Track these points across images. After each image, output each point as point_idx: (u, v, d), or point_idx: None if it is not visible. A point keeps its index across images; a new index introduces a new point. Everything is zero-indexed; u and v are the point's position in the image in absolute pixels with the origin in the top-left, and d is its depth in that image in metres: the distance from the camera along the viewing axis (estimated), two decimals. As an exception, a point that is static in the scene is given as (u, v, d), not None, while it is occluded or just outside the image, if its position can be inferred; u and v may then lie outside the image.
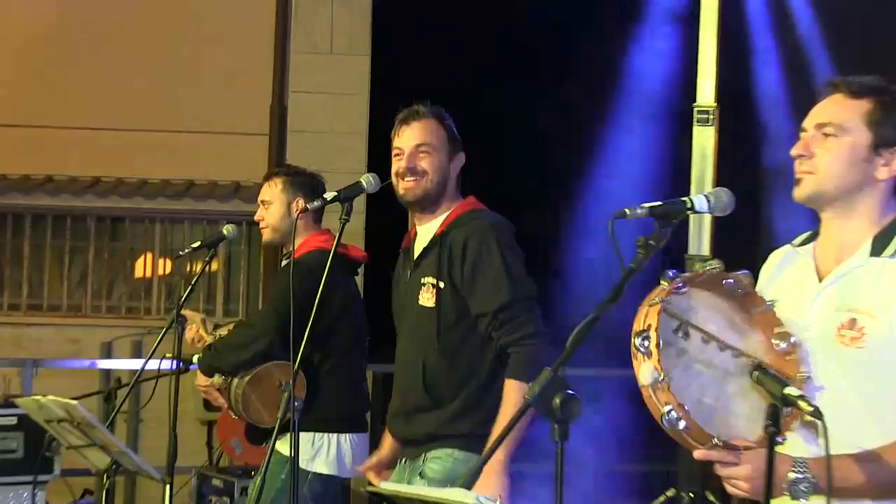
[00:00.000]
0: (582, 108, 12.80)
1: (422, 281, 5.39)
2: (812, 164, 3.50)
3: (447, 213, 5.47)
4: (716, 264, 3.48)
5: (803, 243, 3.72)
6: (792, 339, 3.40)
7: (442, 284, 5.29)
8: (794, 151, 3.56)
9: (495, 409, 4.72)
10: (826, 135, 3.51)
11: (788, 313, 3.47)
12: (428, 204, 5.46)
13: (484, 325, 5.21)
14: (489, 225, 5.36)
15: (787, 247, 3.78)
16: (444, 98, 5.66)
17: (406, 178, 5.39)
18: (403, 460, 5.55)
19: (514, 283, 5.20)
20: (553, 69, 13.54)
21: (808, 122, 3.57)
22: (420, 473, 5.31)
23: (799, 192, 3.54)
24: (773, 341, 3.37)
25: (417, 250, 5.54)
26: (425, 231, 5.52)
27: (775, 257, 3.82)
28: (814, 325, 3.47)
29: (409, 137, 5.43)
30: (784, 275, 3.64)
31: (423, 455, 5.36)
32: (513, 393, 5.01)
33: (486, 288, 5.21)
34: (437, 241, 5.38)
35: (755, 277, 3.75)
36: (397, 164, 5.42)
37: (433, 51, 12.94)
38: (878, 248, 3.48)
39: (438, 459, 5.27)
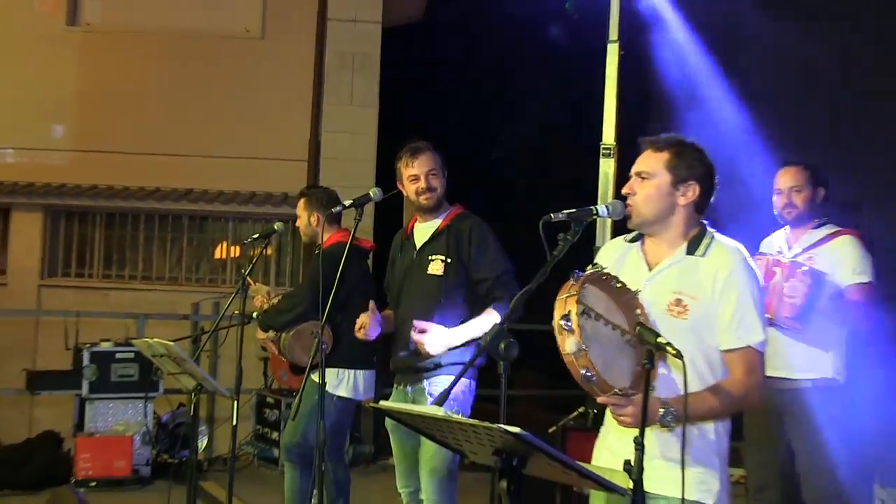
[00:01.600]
0: (535, 144, 12.86)
1: (430, 258, 5.48)
2: (635, 201, 3.71)
3: (445, 214, 5.58)
4: (601, 267, 3.56)
5: (633, 241, 3.85)
6: (646, 317, 3.46)
7: (449, 260, 5.41)
8: (623, 192, 3.76)
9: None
10: (642, 179, 3.70)
11: None
12: (436, 209, 5.57)
13: (486, 286, 5.37)
14: (481, 222, 5.54)
15: (620, 240, 3.93)
16: (426, 137, 5.70)
17: (425, 194, 5.51)
18: (404, 385, 5.56)
19: (505, 259, 5.42)
20: (502, 124, 13.56)
21: (632, 171, 3.77)
22: (429, 393, 5.35)
23: (631, 223, 3.76)
24: (635, 319, 3.41)
25: (420, 238, 5.61)
26: (426, 227, 5.62)
27: (613, 245, 3.98)
28: (650, 303, 3.57)
29: (421, 165, 5.53)
30: (623, 266, 3.72)
31: (427, 381, 5.41)
32: (487, 315, 5.27)
33: (488, 262, 5.38)
34: (444, 232, 5.51)
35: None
36: (416, 185, 5.54)
37: (418, 105, 12.97)
38: (692, 249, 3.67)
39: (441, 384, 5.28)
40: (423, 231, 5.62)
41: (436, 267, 5.43)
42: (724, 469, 3.65)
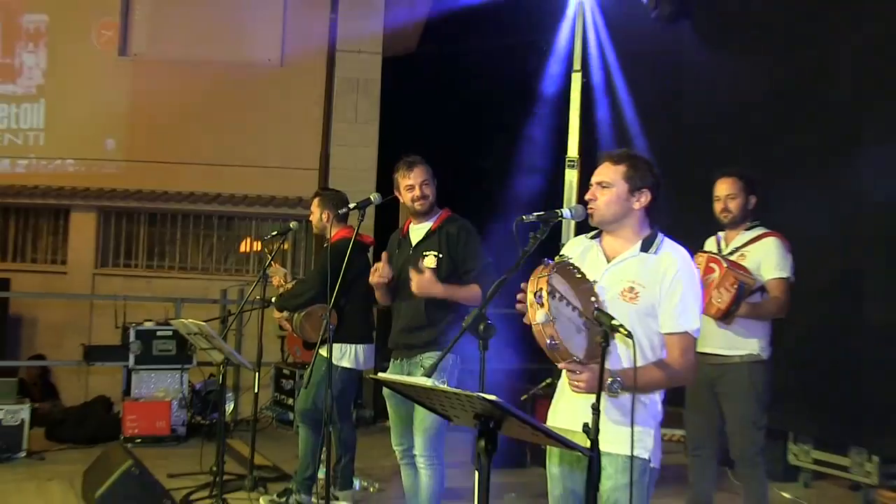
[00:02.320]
0: (510, 156, 12.87)
1: (424, 253, 5.44)
2: (596, 205, 3.69)
3: (436, 217, 5.55)
4: (567, 258, 3.59)
5: (593, 238, 3.82)
6: (601, 303, 3.44)
7: (441, 255, 5.39)
8: (586, 197, 3.73)
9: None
10: (602, 187, 3.68)
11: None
12: (428, 212, 5.54)
13: (471, 275, 5.34)
14: (467, 224, 5.53)
15: (583, 237, 3.89)
16: (419, 150, 5.69)
17: (420, 200, 5.49)
18: (400, 360, 5.53)
19: (485, 255, 5.43)
20: (483, 138, 13.54)
21: (593, 180, 3.74)
22: (421, 366, 5.33)
23: (593, 221, 3.73)
24: (591, 303, 3.39)
25: (415, 237, 5.56)
26: (420, 227, 5.58)
27: (577, 241, 3.91)
28: (606, 289, 3.56)
29: (416, 176, 5.50)
30: (585, 258, 3.71)
31: (420, 356, 5.38)
32: (471, 287, 5.33)
33: (472, 257, 5.39)
34: (436, 232, 5.48)
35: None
36: (412, 194, 5.52)
37: (413, 122, 12.94)
38: (645, 247, 3.65)
39: (431, 358, 5.28)
40: (417, 231, 5.58)
41: (429, 261, 5.40)
42: (658, 429, 3.65)
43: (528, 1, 11.10)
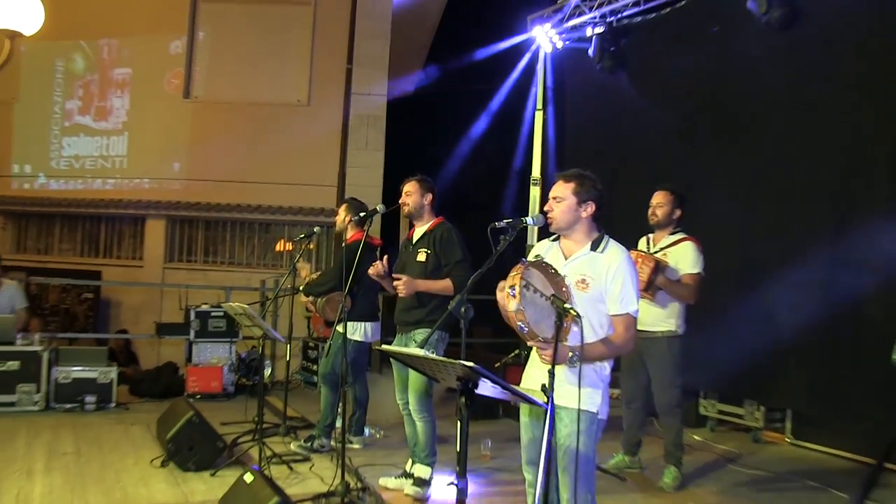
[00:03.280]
0: (486, 175, 12.90)
1: (418, 250, 5.41)
2: (553, 215, 3.63)
3: (430, 222, 5.51)
4: (541, 258, 3.55)
5: (553, 240, 3.76)
6: (569, 292, 3.42)
7: (430, 251, 5.35)
8: (545, 208, 3.69)
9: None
10: (557, 201, 3.64)
11: None
12: (414, 217, 5.53)
13: (448, 268, 5.28)
14: (452, 228, 5.45)
15: (546, 241, 3.83)
16: (415, 171, 5.67)
17: (404, 206, 5.47)
18: (401, 334, 5.49)
19: (463, 252, 5.33)
20: (468, 160, 13.55)
21: (550, 195, 3.68)
22: (413, 339, 5.30)
23: (551, 228, 3.67)
24: (563, 292, 3.37)
25: (415, 238, 5.53)
26: (419, 230, 5.54)
27: (542, 244, 3.85)
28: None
29: (405, 188, 5.51)
30: (547, 256, 3.66)
31: (413, 331, 5.34)
32: (444, 281, 5.27)
33: (451, 254, 5.31)
34: (428, 234, 5.44)
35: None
36: (400, 200, 5.51)
37: (411, 149, 12.94)
38: (594, 247, 3.61)
39: (421, 333, 5.26)
40: (417, 233, 5.57)
41: (421, 256, 5.38)
42: (606, 389, 3.63)
43: (499, 55, 11.11)
